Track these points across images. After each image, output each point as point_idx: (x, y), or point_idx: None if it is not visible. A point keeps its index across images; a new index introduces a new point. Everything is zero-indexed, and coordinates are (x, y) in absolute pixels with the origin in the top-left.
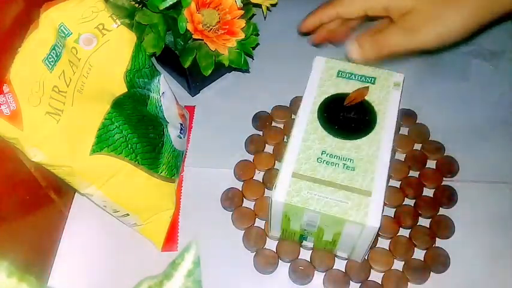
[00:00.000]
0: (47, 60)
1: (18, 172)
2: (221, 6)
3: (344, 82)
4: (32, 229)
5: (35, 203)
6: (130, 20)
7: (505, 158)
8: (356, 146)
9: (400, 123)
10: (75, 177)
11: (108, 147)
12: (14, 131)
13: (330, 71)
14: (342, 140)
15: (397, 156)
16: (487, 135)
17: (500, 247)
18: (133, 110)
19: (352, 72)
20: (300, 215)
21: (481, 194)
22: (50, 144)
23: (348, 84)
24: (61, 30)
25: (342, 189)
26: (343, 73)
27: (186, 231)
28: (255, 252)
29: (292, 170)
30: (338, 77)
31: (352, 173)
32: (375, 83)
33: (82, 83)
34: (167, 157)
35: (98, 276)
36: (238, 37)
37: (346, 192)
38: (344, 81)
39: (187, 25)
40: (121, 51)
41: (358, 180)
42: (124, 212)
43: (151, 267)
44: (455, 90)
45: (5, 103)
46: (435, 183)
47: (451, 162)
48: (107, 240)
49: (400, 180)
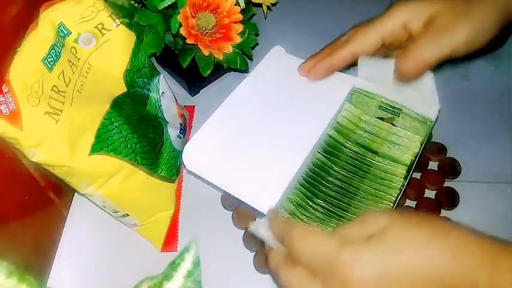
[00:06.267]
0: (46, 60)
1: (18, 172)
2: (219, 10)
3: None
4: (32, 229)
5: (34, 203)
6: (129, 20)
7: (507, 158)
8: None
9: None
10: (75, 177)
11: (108, 147)
12: (13, 131)
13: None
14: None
15: None
16: (489, 136)
17: None
18: (132, 109)
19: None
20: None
21: (483, 195)
22: (49, 144)
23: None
24: (60, 30)
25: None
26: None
27: (185, 232)
28: (255, 252)
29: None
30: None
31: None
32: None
33: (81, 83)
34: (167, 157)
35: (97, 276)
36: (234, 42)
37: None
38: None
39: (181, 29)
40: (120, 51)
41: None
42: (123, 212)
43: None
44: (456, 90)
45: (4, 103)
46: (437, 185)
47: (453, 164)
48: (106, 241)
49: None
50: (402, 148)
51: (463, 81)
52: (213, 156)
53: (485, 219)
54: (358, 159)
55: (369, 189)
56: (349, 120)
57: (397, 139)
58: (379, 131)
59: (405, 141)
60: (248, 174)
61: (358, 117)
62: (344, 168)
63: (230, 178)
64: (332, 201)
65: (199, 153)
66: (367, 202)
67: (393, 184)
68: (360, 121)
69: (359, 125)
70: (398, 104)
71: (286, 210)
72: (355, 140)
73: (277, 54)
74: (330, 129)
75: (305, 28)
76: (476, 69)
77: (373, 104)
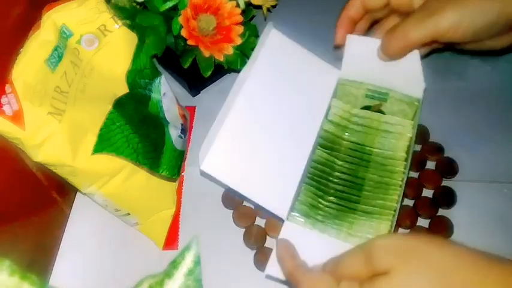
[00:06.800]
0: (49, 61)
1: (21, 172)
2: (219, 11)
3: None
4: (34, 228)
5: (37, 202)
6: (131, 21)
7: (504, 158)
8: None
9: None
10: (77, 176)
11: (110, 147)
12: (16, 131)
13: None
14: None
15: None
16: (487, 136)
17: (499, 248)
18: (134, 110)
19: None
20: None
21: (480, 194)
22: (51, 144)
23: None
24: (63, 31)
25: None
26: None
27: (186, 230)
28: (256, 251)
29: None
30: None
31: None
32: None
33: (84, 84)
34: (168, 157)
35: (99, 274)
36: (234, 44)
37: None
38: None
39: (182, 31)
40: (122, 52)
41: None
42: (125, 211)
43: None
44: (454, 90)
45: (7, 103)
46: (434, 184)
47: (451, 163)
48: (108, 239)
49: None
50: (397, 135)
51: (461, 82)
52: (233, 162)
53: (482, 219)
54: (358, 149)
55: (375, 177)
56: (340, 117)
57: (390, 127)
58: (370, 122)
59: (398, 128)
60: (263, 179)
61: (348, 112)
62: (346, 160)
63: (249, 183)
64: (342, 196)
65: (221, 159)
66: (375, 190)
67: (396, 169)
68: (352, 116)
69: (351, 119)
70: (384, 88)
71: (300, 212)
72: (351, 133)
73: (275, 39)
74: (325, 124)
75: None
76: (474, 70)
77: (360, 94)
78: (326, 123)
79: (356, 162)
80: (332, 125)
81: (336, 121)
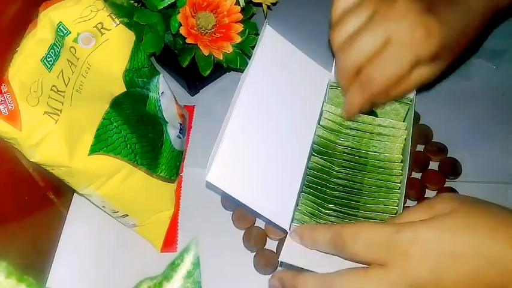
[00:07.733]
0: (46, 60)
1: (17, 172)
2: (219, 9)
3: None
4: (31, 230)
5: (33, 203)
6: (129, 19)
7: (508, 159)
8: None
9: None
10: (74, 177)
11: (107, 147)
12: (12, 131)
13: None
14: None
15: None
16: (490, 136)
17: None
18: (132, 109)
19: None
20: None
21: (483, 195)
22: (48, 144)
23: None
24: (60, 30)
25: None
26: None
27: (185, 232)
28: (255, 253)
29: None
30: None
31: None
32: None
33: (81, 83)
34: (166, 157)
35: (97, 277)
36: (234, 42)
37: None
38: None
39: (181, 29)
40: (120, 51)
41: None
42: (123, 212)
43: (151, 268)
44: (457, 90)
45: (3, 103)
46: (438, 185)
47: (454, 164)
48: (105, 241)
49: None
50: (391, 138)
51: (464, 81)
52: (237, 173)
53: None
54: (353, 153)
55: (373, 181)
56: (333, 121)
57: (383, 130)
58: (363, 126)
59: (392, 130)
60: (266, 190)
61: (340, 116)
62: (343, 165)
63: (253, 194)
64: (342, 202)
65: (226, 170)
66: (375, 195)
67: (394, 171)
68: (343, 120)
69: (343, 124)
70: None
71: (301, 222)
72: (345, 138)
73: (269, 37)
74: (318, 130)
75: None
76: (477, 69)
77: None
78: (318, 128)
79: (352, 167)
80: (325, 130)
81: (329, 126)
